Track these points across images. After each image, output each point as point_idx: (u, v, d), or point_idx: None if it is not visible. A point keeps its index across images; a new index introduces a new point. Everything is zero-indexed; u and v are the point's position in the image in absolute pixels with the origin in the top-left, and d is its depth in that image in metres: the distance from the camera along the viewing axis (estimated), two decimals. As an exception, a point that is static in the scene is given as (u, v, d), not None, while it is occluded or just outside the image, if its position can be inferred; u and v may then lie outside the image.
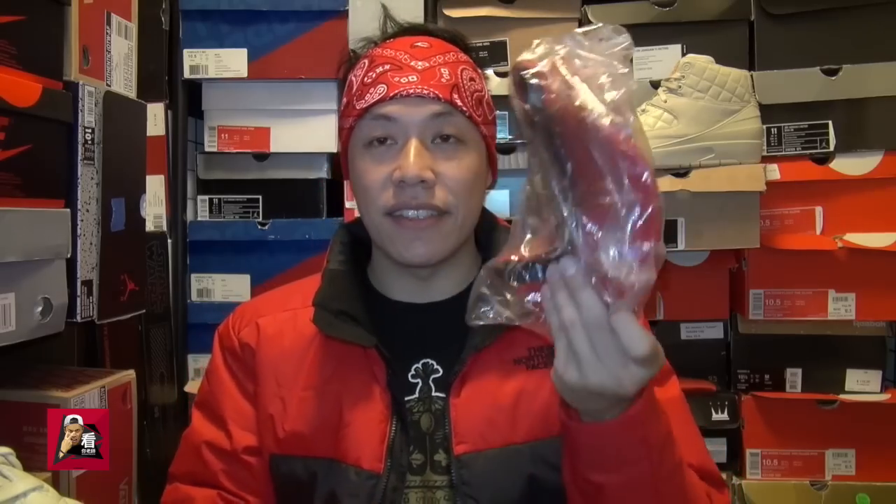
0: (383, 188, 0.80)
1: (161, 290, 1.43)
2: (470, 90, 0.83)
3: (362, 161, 0.82)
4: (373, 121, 0.81)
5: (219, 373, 0.89)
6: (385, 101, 0.79)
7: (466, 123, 0.82)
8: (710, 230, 1.32)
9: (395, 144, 0.80)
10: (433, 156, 0.80)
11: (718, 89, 1.29)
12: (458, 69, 0.82)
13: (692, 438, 0.84)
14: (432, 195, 0.79)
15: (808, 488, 1.38)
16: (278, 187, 1.52)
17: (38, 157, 0.90)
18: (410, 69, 0.80)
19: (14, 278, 0.86)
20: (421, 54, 0.82)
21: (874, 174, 1.37)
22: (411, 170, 0.77)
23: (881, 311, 1.37)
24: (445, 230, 0.80)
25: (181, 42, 1.46)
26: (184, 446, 0.90)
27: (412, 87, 0.79)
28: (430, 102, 0.79)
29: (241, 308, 0.94)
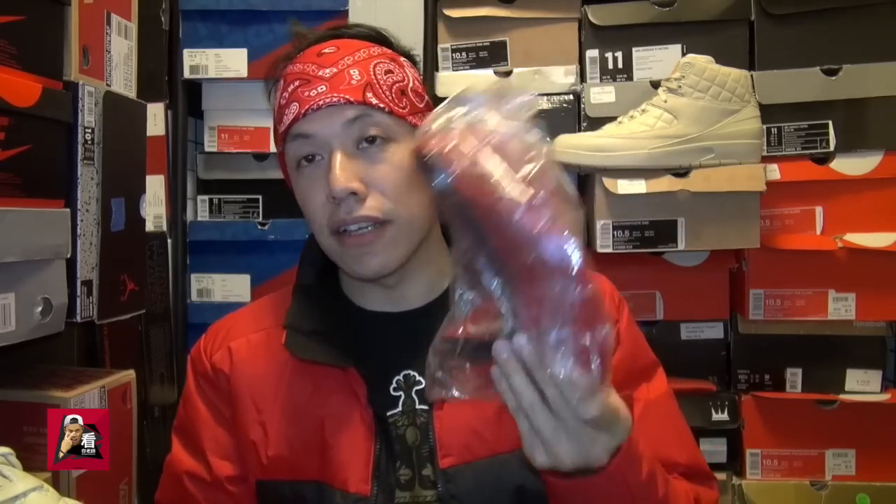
0: (323, 209, 0.78)
1: (161, 290, 1.43)
2: (387, 84, 0.79)
3: (298, 185, 0.81)
4: (294, 142, 0.79)
5: (193, 400, 0.87)
6: (299, 119, 0.77)
7: (389, 119, 0.78)
8: (710, 230, 1.32)
9: (322, 159, 0.78)
10: (362, 163, 0.77)
11: (718, 89, 1.29)
12: (370, 65, 0.79)
13: (680, 434, 0.84)
14: (367, 206, 0.76)
15: (808, 488, 1.38)
16: (278, 187, 1.50)
17: (38, 157, 0.90)
18: (318, 80, 0.77)
19: (14, 278, 0.86)
20: (328, 61, 0.79)
21: (874, 174, 1.37)
22: (337, 184, 0.74)
23: (881, 311, 1.37)
24: (389, 237, 0.77)
25: (181, 42, 1.47)
26: (166, 474, 0.88)
27: (321, 99, 0.76)
28: (343, 109, 0.77)
29: (213, 328, 0.91)
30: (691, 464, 0.82)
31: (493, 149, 0.55)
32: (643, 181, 1.30)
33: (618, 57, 1.45)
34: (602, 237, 1.33)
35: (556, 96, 1.45)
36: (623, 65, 1.45)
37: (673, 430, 0.84)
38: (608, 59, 1.45)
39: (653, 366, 0.88)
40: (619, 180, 1.31)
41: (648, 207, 1.32)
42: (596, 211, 1.33)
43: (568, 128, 1.42)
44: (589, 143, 1.30)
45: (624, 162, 1.29)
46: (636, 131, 1.29)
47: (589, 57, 1.46)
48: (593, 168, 1.30)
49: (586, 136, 1.32)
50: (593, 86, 1.43)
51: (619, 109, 1.37)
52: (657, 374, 0.88)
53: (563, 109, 1.45)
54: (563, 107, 1.45)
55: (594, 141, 1.30)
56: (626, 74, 1.45)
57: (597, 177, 1.32)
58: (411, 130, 0.79)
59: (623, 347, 0.85)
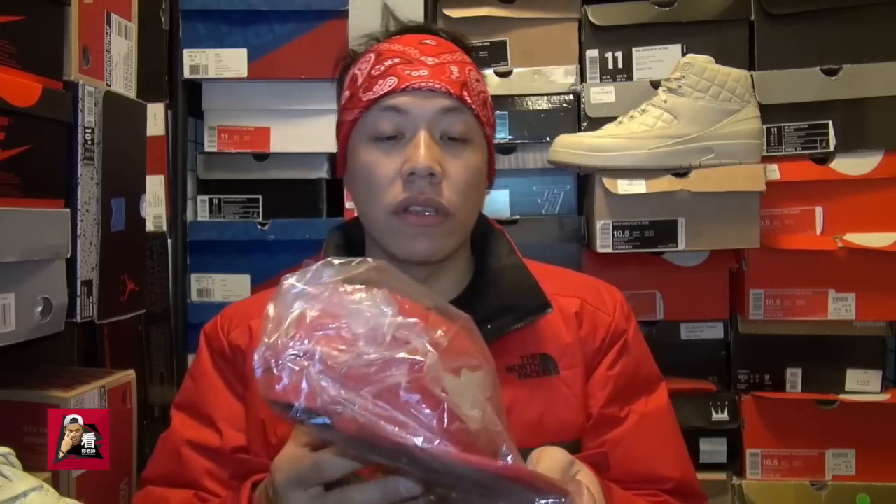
0: (391, 183, 0.79)
1: (161, 290, 1.43)
2: (476, 90, 0.83)
3: (369, 154, 0.81)
4: (381, 112, 0.80)
5: (207, 372, 0.87)
6: (395, 92, 0.78)
7: (474, 122, 0.82)
8: (710, 230, 1.32)
9: (402, 139, 0.79)
10: (442, 152, 0.79)
11: (718, 89, 1.29)
12: (466, 68, 0.82)
13: (675, 449, 0.84)
14: (439, 191, 0.78)
15: (808, 488, 1.38)
16: (278, 187, 1.52)
17: (38, 157, 0.90)
18: (421, 63, 0.79)
19: (14, 278, 0.86)
20: (430, 51, 0.81)
21: (874, 174, 1.37)
22: (422, 160, 0.76)
23: (881, 311, 1.37)
24: (447, 228, 0.80)
25: (181, 42, 1.46)
26: (160, 448, 0.87)
27: (423, 81, 0.78)
28: (441, 97, 0.79)
29: (229, 309, 0.91)
30: (682, 481, 0.82)
31: (355, 371, 0.50)
32: (643, 181, 1.30)
33: (618, 57, 1.45)
34: (602, 237, 1.33)
35: (556, 96, 1.45)
36: (623, 65, 1.45)
37: (667, 445, 0.84)
38: (608, 59, 1.45)
39: (655, 379, 0.88)
40: (619, 180, 1.31)
41: (648, 207, 1.32)
42: (596, 211, 1.33)
43: (568, 128, 1.42)
44: (589, 143, 1.30)
45: (624, 162, 1.29)
46: (636, 131, 1.29)
47: (589, 57, 1.46)
48: (593, 168, 1.30)
49: (586, 136, 1.32)
50: (593, 86, 1.43)
51: (619, 109, 1.38)
52: (659, 388, 0.88)
53: (563, 109, 1.45)
54: (563, 107, 1.45)
55: (594, 141, 1.30)
56: (626, 74, 1.45)
57: (597, 177, 1.32)
58: (483, 139, 0.84)
59: (628, 358, 0.85)
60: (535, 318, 0.82)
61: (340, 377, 0.50)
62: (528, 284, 0.84)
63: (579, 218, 1.46)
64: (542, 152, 1.44)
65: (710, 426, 1.38)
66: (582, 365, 0.83)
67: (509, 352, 0.81)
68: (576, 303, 0.87)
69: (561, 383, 0.81)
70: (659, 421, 0.85)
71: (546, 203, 1.49)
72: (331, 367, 0.50)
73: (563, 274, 0.93)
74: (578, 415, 0.81)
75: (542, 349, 0.82)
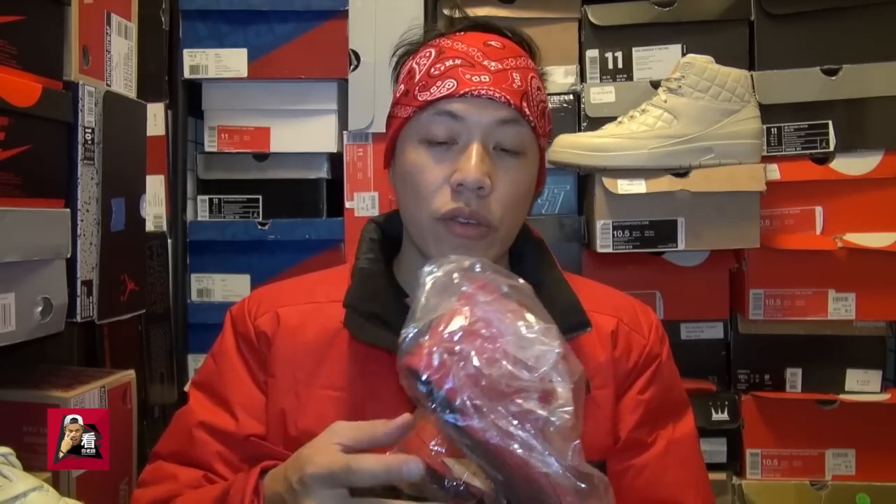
0: (439, 190, 0.77)
1: (161, 290, 1.43)
2: (537, 100, 0.80)
3: (418, 156, 0.79)
4: (437, 115, 0.78)
5: (229, 355, 0.85)
6: (454, 97, 0.77)
7: (530, 134, 0.80)
8: (710, 230, 1.32)
9: (455, 145, 0.78)
10: (493, 165, 0.77)
11: (718, 89, 1.29)
12: (528, 76, 0.80)
13: (698, 478, 0.84)
14: (486, 205, 0.77)
15: (808, 488, 1.38)
16: (278, 187, 1.52)
17: (38, 157, 0.90)
18: (483, 69, 0.77)
19: (14, 278, 0.86)
20: (494, 54, 0.79)
21: (874, 174, 1.37)
22: (473, 173, 0.75)
23: (881, 311, 1.37)
24: (489, 242, 0.79)
25: (181, 42, 1.46)
26: (175, 426, 0.86)
27: (483, 88, 0.76)
28: (499, 107, 0.77)
29: (258, 293, 0.90)
30: None
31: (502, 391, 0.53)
32: (643, 181, 1.30)
33: (618, 57, 1.45)
34: (602, 237, 1.33)
35: (556, 96, 1.45)
36: (623, 65, 1.45)
37: (691, 473, 0.84)
38: (608, 59, 1.45)
39: (683, 405, 0.88)
40: (619, 180, 1.30)
41: (648, 207, 1.32)
42: (596, 211, 1.33)
43: (568, 128, 1.42)
44: (589, 143, 1.30)
45: (624, 162, 1.29)
46: (636, 131, 1.29)
47: (589, 57, 1.46)
48: (593, 168, 1.30)
49: (586, 136, 1.32)
50: (593, 86, 1.43)
51: (619, 109, 1.37)
52: (686, 414, 0.87)
53: (563, 109, 1.45)
54: (563, 107, 1.45)
55: (594, 141, 1.30)
56: (626, 74, 1.45)
57: (597, 177, 1.32)
58: (537, 151, 0.83)
59: (660, 383, 0.85)
60: (573, 336, 0.79)
61: (485, 388, 0.53)
62: (569, 301, 0.82)
63: (579, 218, 1.46)
64: (542, 152, 1.44)
65: (710, 426, 1.38)
66: (613, 385, 0.82)
67: None
68: (612, 322, 0.85)
69: (591, 403, 0.79)
70: (685, 448, 0.84)
71: (546, 203, 1.49)
72: (479, 375, 0.54)
73: (600, 290, 0.92)
74: (607, 436, 0.81)
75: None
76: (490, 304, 0.56)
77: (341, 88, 1.47)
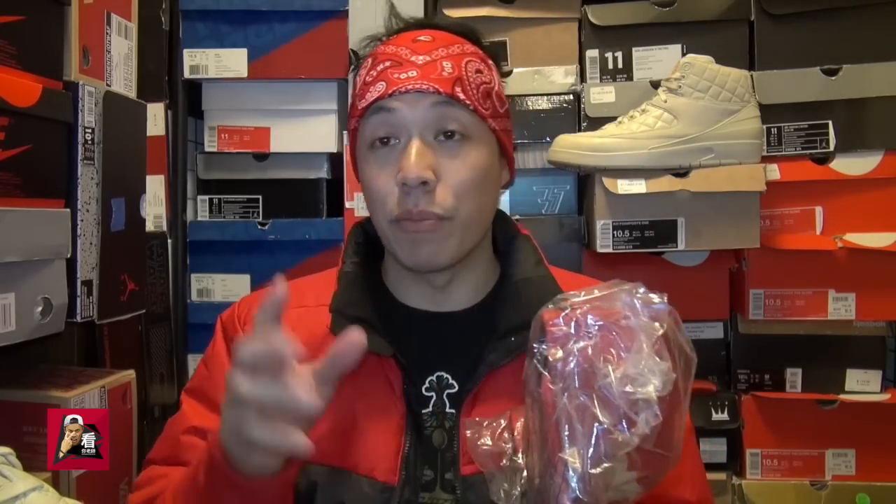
0: (389, 193, 0.77)
1: (161, 290, 1.43)
2: (476, 82, 0.79)
3: (368, 164, 0.80)
4: (373, 116, 0.78)
5: (221, 360, 0.85)
6: (384, 97, 0.77)
7: (471, 117, 0.79)
8: (710, 230, 1.32)
9: (397, 144, 0.78)
10: (437, 154, 0.77)
11: (718, 89, 1.29)
12: (463, 61, 0.79)
13: (693, 471, 0.83)
14: (432, 199, 0.76)
15: (808, 488, 1.38)
16: (278, 187, 1.52)
17: (38, 157, 0.90)
18: (410, 64, 0.78)
19: (14, 278, 0.86)
20: (423, 48, 0.79)
21: (874, 174, 1.37)
22: (412, 171, 0.74)
23: (881, 311, 1.37)
24: (446, 231, 0.78)
25: (181, 42, 1.46)
26: (167, 432, 0.85)
27: (411, 83, 0.76)
28: (430, 97, 0.77)
29: (248, 298, 0.90)
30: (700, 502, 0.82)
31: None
32: (643, 181, 1.30)
33: (618, 57, 1.45)
34: (602, 237, 1.33)
35: (556, 96, 1.45)
36: (623, 65, 1.45)
37: (686, 468, 0.82)
38: (608, 59, 1.45)
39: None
40: (619, 180, 1.30)
41: (648, 207, 1.32)
42: (596, 211, 1.33)
43: (568, 128, 1.42)
44: (589, 143, 1.30)
45: (624, 162, 1.29)
46: (636, 131, 1.29)
47: (589, 57, 1.46)
48: (593, 168, 1.30)
49: (586, 136, 1.32)
50: (593, 86, 1.43)
51: (619, 109, 1.37)
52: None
53: (563, 109, 1.45)
54: (563, 107, 1.45)
55: (594, 141, 1.30)
56: (626, 74, 1.45)
57: (597, 177, 1.32)
58: (489, 133, 0.81)
59: None
60: None
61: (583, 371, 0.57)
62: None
63: (579, 218, 1.46)
64: (542, 152, 1.44)
65: (710, 426, 1.38)
66: None
67: None
68: None
69: None
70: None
71: (546, 203, 1.49)
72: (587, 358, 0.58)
73: (589, 285, 0.91)
74: None
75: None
76: (642, 323, 0.59)
77: (341, 88, 1.47)
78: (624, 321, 0.59)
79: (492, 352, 0.78)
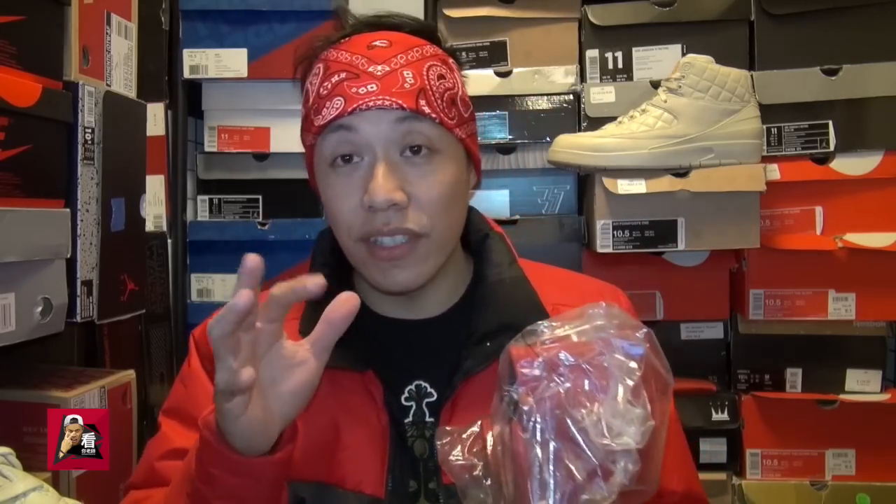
0: (354, 213, 0.73)
1: (161, 290, 1.43)
2: (439, 91, 0.74)
3: (329, 184, 0.76)
4: (332, 134, 0.73)
5: (198, 376, 0.83)
6: (343, 115, 0.72)
7: (437, 130, 0.74)
8: (710, 230, 1.32)
9: (360, 162, 0.74)
10: (404, 173, 0.73)
11: (718, 89, 1.29)
12: (424, 68, 0.74)
13: (680, 462, 0.82)
14: (404, 218, 0.72)
15: (808, 488, 1.38)
16: (278, 187, 1.52)
17: (38, 157, 0.90)
18: (368, 77, 0.72)
19: (14, 278, 0.86)
20: (380, 56, 0.73)
21: (874, 174, 1.37)
22: (379, 194, 0.70)
23: (881, 311, 1.37)
24: (422, 253, 0.74)
25: (181, 42, 1.46)
26: (148, 455, 0.81)
27: (371, 99, 0.71)
28: (393, 113, 0.72)
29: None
30: (687, 494, 0.81)
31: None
32: (643, 181, 1.30)
33: (618, 57, 1.45)
34: (602, 237, 1.33)
35: (556, 96, 1.45)
36: (623, 65, 1.45)
37: (673, 457, 0.80)
38: (608, 59, 1.45)
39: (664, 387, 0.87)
40: (619, 180, 1.30)
41: (648, 207, 1.32)
42: (596, 211, 1.33)
43: (568, 128, 1.42)
44: (589, 143, 1.30)
45: (624, 162, 1.29)
46: (636, 131, 1.29)
47: (589, 57, 1.46)
48: (593, 168, 1.30)
49: (586, 136, 1.32)
50: (593, 86, 1.43)
51: (619, 109, 1.37)
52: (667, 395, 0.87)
53: (563, 109, 1.45)
54: (563, 107, 1.45)
55: (594, 141, 1.30)
56: (626, 74, 1.45)
57: (597, 177, 1.32)
58: (456, 143, 0.77)
59: None
60: None
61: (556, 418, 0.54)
62: (530, 300, 0.80)
63: (579, 218, 1.46)
64: (542, 152, 1.44)
65: (710, 426, 1.38)
66: None
67: None
68: None
69: None
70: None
71: (546, 203, 1.49)
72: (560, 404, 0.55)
73: (566, 278, 0.90)
74: None
75: None
76: (618, 362, 0.56)
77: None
78: (599, 357, 0.56)
79: (467, 358, 0.76)
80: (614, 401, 0.54)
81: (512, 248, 0.86)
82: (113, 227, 1.04)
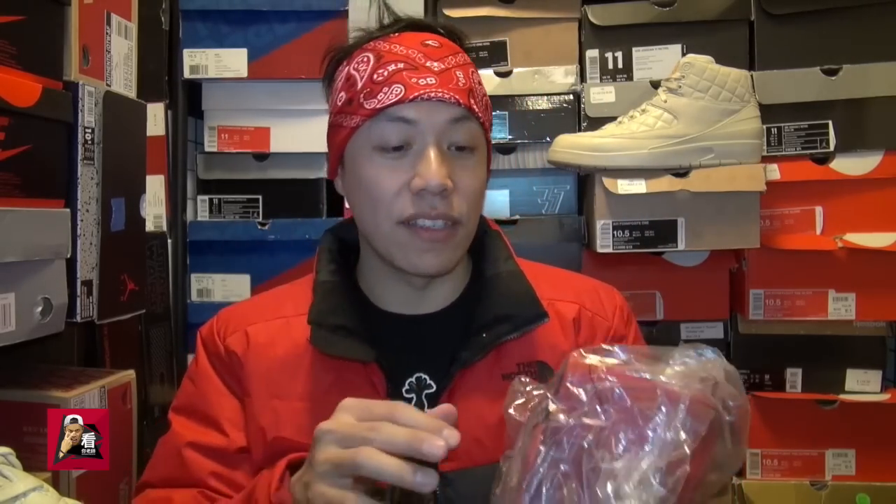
0: (398, 196, 0.77)
1: (161, 290, 1.43)
2: (480, 94, 0.81)
3: (372, 166, 0.78)
4: (389, 122, 0.77)
5: (207, 374, 0.85)
6: (403, 102, 0.76)
7: (479, 130, 0.80)
8: (710, 230, 1.32)
9: (409, 149, 0.77)
10: (451, 164, 0.77)
11: (718, 89, 1.29)
12: (469, 72, 0.80)
13: None
14: (450, 205, 0.76)
15: (808, 488, 1.38)
16: (278, 187, 1.52)
17: (38, 157, 0.90)
18: (427, 70, 0.77)
19: (14, 278, 0.86)
20: (435, 54, 0.78)
21: (874, 174, 1.37)
22: (435, 177, 0.74)
23: (881, 311, 1.37)
24: (457, 241, 0.79)
25: (181, 42, 1.46)
26: (161, 452, 0.85)
27: (432, 91, 0.76)
28: (450, 107, 0.77)
29: (226, 312, 0.90)
30: None
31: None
32: (643, 181, 1.30)
33: (618, 57, 1.45)
34: (602, 237, 1.33)
35: (556, 96, 1.45)
36: (623, 65, 1.45)
37: None
38: (608, 59, 1.45)
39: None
40: (619, 180, 1.31)
41: (648, 207, 1.32)
42: (596, 211, 1.33)
43: (568, 128, 1.42)
44: (589, 143, 1.30)
45: (624, 162, 1.29)
46: (636, 131, 1.29)
47: (589, 57, 1.46)
48: (593, 168, 1.30)
49: (586, 136, 1.32)
50: (593, 86, 1.43)
51: (619, 109, 1.38)
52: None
53: (563, 109, 1.45)
54: (563, 107, 1.45)
55: (594, 141, 1.30)
56: (626, 74, 1.45)
57: (597, 177, 1.32)
58: (485, 145, 0.83)
59: None
60: (530, 328, 0.81)
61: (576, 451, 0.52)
62: (525, 293, 0.83)
63: (579, 218, 1.46)
64: (542, 152, 1.44)
65: (710, 426, 1.38)
66: None
67: (506, 359, 0.81)
68: (574, 308, 0.86)
69: None
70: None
71: (546, 203, 1.49)
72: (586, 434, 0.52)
73: (561, 277, 0.92)
74: None
75: (538, 357, 0.82)
76: (662, 440, 0.51)
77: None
78: (649, 413, 0.51)
79: (464, 350, 0.79)
80: (639, 465, 0.50)
81: (508, 245, 0.89)
82: (113, 227, 1.03)
